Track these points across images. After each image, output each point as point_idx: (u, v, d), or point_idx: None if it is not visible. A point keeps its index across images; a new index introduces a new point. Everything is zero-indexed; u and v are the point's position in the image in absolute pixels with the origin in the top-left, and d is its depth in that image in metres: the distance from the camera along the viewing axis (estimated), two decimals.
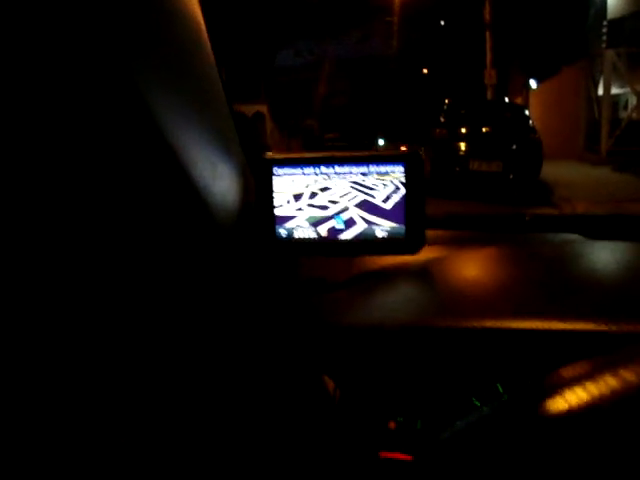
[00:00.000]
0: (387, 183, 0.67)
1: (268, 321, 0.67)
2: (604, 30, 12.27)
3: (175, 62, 0.54)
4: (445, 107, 7.83)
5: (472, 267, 0.81)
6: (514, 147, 7.00)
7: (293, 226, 0.70)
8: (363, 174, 0.68)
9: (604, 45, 12.14)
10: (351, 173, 0.68)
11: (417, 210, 0.67)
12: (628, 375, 0.28)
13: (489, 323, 0.61)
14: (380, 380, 0.65)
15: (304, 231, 0.70)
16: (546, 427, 0.28)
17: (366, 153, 0.68)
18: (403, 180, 0.67)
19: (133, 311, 0.59)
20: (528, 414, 0.30)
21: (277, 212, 0.70)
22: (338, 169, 0.68)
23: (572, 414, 0.27)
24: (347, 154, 0.68)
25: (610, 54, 11.46)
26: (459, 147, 7.07)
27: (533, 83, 16.71)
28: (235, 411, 0.59)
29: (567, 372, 0.31)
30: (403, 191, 0.67)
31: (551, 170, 8.10)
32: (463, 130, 7.22)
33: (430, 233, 0.92)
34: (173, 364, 0.61)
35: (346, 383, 0.64)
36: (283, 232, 0.70)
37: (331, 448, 0.60)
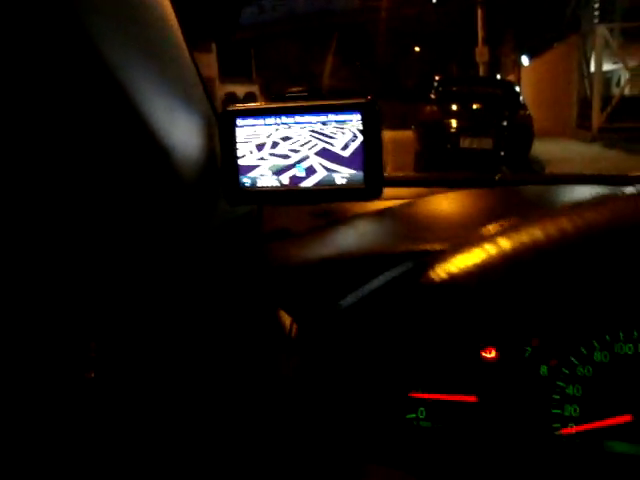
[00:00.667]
0: (345, 131, 0.69)
1: (229, 266, 0.69)
2: (596, 5, 12.21)
3: (128, 10, 0.55)
4: (435, 84, 7.82)
5: (427, 208, 0.84)
6: (505, 124, 7.00)
7: (256, 175, 0.72)
8: (322, 123, 0.70)
9: (596, 20, 12.08)
10: (310, 122, 0.70)
11: (375, 157, 0.69)
12: (505, 244, 0.30)
13: (427, 246, 0.63)
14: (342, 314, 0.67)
15: (267, 180, 0.72)
16: (427, 293, 0.30)
17: (325, 102, 0.70)
18: (360, 127, 0.69)
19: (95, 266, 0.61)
20: (414, 283, 0.32)
21: (240, 162, 0.72)
22: (298, 118, 0.70)
23: (451, 281, 0.30)
24: (307, 104, 0.71)
25: (602, 30, 11.41)
26: (450, 124, 7.06)
27: (525, 60, 16.65)
28: (195, 348, 0.62)
29: (452, 248, 0.34)
30: (361, 138, 0.69)
31: (542, 147, 8.12)
32: (453, 107, 7.22)
33: (400, 190, 0.94)
34: (140, 309, 0.63)
35: (308, 319, 0.66)
36: (247, 181, 0.72)
37: (289, 380, 0.63)
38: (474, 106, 7.22)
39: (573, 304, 0.62)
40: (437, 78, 7.98)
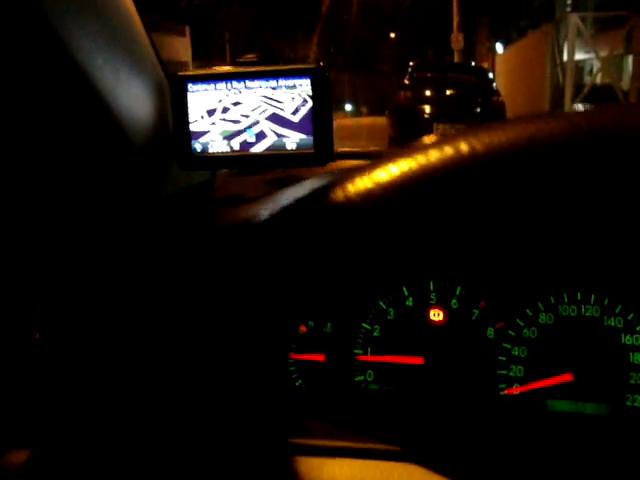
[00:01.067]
0: (295, 96, 0.70)
1: (181, 232, 0.69)
2: None
3: None
4: (410, 70, 7.83)
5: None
6: (478, 110, 7.06)
7: (207, 141, 0.72)
8: (272, 88, 0.70)
9: (569, 9, 12.19)
10: (261, 87, 0.70)
11: (325, 122, 0.70)
12: (404, 165, 0.30)
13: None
14: (287, 281, 0.68)
15: (218, 145, 0.72)
16: (321, 214, 0.31)
17: (275, 67, 0.70)
18: (310, 93, 0.69)
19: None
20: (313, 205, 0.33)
21: (192, 127, 0.72)
22: (249, 83, 0.71)
23: (346, 201, 0.30)
24: (257, 69, 0.71)
25: (574, 18, 11.50)
26: (423, 110, 7.09)
27: (499, 47, 16.76)
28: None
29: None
30: (311, 103, 0.69)
31: None
32: (427, 93, 7.24)
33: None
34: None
35: (249, 287, 0.67)
36: (198, 147, 0.72)
37: (232, 354, 0.64)
38: (448, 92, 7.26)
39: (508, 258, 0.64)
40: (412, 64, 7.99)
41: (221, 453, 0.56)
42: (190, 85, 0.71)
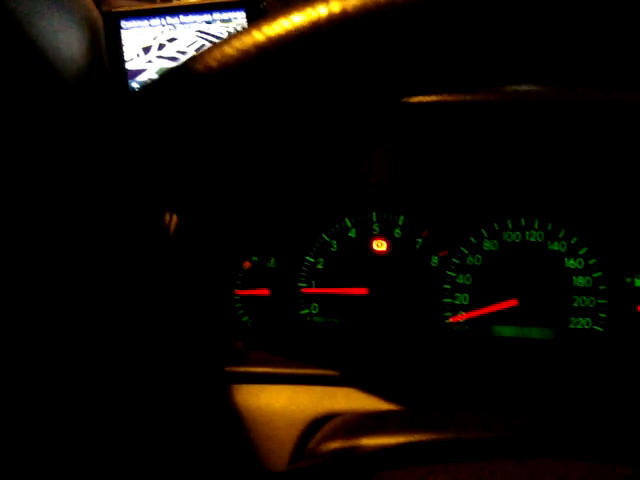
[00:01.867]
0: (231, 30, 0.68)
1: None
2: None
3: None
4: None
5: None
6: None
7: (145, 79, 0.71)
8: (207, 22, 0.69)
9: None
10: (195, 22, 0.69)
11: None
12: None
13: None
14: (230, 216, 0.67)
15: None
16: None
17: (208, 1, 0.69)
18: (246, 25, 0.68)
19: None
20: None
21: (128, 66, 0.71)
22: (183, 18, 0.69)
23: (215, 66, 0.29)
24: (190, 2, 0.69)
25: None
26: None
27: None
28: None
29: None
30: None
31: None
32: None
33: None
34: None
35: (195, 219, 0.66)
36: (136, 86, 0.71)
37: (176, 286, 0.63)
38: None
39: (448, 186, 0.63)
40: None
41: (158, 384, 0.56)
42: (123, 22, 0.70)
